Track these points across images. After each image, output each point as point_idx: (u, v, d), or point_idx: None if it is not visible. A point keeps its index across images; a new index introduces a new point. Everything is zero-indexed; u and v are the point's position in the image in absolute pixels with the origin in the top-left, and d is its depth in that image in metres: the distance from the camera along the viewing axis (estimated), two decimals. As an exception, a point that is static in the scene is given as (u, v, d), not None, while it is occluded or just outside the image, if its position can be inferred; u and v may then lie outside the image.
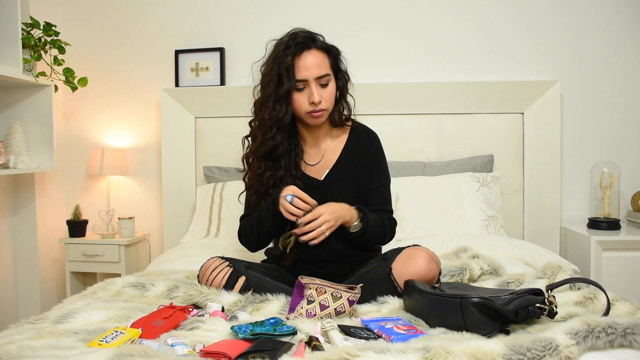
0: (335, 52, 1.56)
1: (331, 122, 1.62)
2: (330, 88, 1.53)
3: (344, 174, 1.61)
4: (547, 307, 1.12)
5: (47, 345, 1.04)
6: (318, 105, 1.51)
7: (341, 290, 1.29)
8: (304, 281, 1.30)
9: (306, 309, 1.27)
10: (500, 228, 2.27)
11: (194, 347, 1.04)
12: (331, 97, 1.54)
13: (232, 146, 2.60)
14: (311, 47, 1.51)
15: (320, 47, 1.52)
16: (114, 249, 2.59)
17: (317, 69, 1.49)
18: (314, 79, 1.49)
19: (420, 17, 2.66)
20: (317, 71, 1.49)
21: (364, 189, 1.63)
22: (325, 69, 1.51)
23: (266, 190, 1.56)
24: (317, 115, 1.53)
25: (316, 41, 1.53)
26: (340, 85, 1.58)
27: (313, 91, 1.50)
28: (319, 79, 1.50)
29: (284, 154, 1.57)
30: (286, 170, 1.57)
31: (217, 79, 2.71)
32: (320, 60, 1.51)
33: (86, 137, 2.86)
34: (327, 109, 1.54)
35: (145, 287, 1.47)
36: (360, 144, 1.64)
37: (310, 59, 1.49)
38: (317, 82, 1.50)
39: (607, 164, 2.51)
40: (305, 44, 1.50)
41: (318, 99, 1.50)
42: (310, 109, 1.52)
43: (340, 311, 1.28)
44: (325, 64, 1.52)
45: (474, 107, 2.55)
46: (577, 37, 2.60)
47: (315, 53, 1.51)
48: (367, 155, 1.63)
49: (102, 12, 2.82)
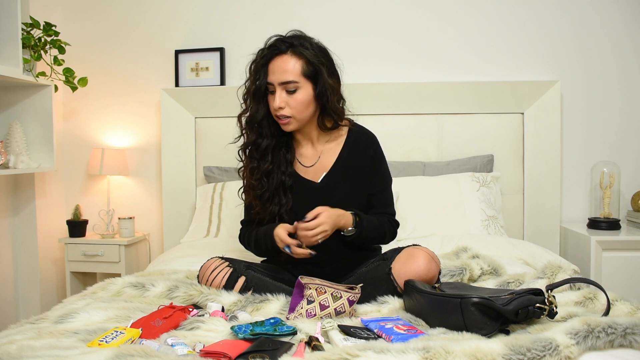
0: (315, 60, 1.50)
1: (320, 127, 1.60)
2: (298, 95, 1.50)
3: (342, 177, 1.60)
4: (547, 307, 1.12)
5: (47, 345, 1.04)
6: (279, 111, 1.51)
7: (341, 290, 1.29)
8: (304, 281, 1.30)
9: (306, 309, 1.27)
10: (500, 228, 2.27)
11: (194, 347, 1.04)
12: (299, 104, 1.50)
13: (232, 146, 2.60)
14: (286, 52, 1.50)
15: (296, 53, 1.49)
16: (114, 249, 2.59)
17: (282, 74, 1.48)
18: (278, 83, 1.49)
19: (420, 17, 2.66)
20: (281, 77, 1.49)
21: (362, 192, 1.61)
22: (292, 75, 1.48)
23: (250, 183, 1.58)
24: (282, 122, 1.53)
25: (294, 46, 1.50)
26: (319, 93, 1.51)
27: (275, 96, 1.50)
28: (283, 85, 1.49)
29: (270, 149, 1.58)
30: (273, 164, 1.58)
31: (217, 79, 2.71)
32: (288, 66, 1.48)
33: (86, 137, 2.86)
34: (294, 116, 1.51)
35: (145, 287, 1.47)
36: (358, 147, 1.62)
37: (279, 63, 1.49)
38: (283, 88, 1.49)
39: (607, 164, 2.51)
40: (279, 48, 1.50)
41: (278, 104, 1.49)
42: (275, 114, 1.53)
43: (340, 311, 1.28)
44: (295, 71, 1.48)
45: (474, 107, 2.55)
46: (577, 37, 2.60)
47: (286, 58, 1.49)
48: (365, 159, 1.62)
49: (102, 12, 2.82)
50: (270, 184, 1.56)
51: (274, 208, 1.56)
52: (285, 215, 1.56)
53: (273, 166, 1.57)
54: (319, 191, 1.58)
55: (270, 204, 1.56)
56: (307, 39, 1.53)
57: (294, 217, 1.51)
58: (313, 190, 1.58)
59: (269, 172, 1.57)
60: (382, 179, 1.65)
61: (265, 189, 1.56)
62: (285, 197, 1.58)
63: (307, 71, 1.50)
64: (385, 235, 1.61)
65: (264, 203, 1.57)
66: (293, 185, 1.59)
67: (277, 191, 1.57)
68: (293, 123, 1.54)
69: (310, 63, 1.50)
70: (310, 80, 1.51)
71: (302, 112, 1.52)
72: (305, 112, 1.53)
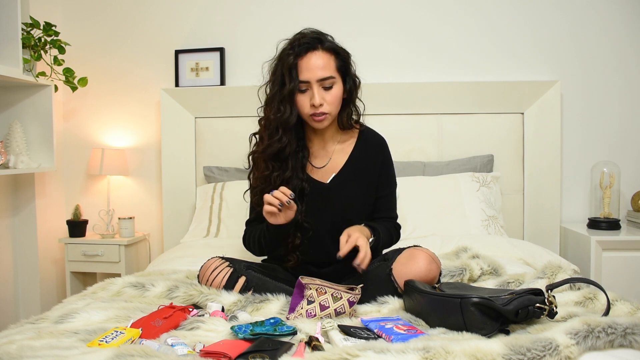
0: (344, 54, 1.52)
1: (339, 125, 1.59)
2: (334, 91, 1.49)
3: (351, 179, 1.59)
4: (547, 307, 1.12)
5: (47, 345, 1.04)
6: (319, 108, 1.48)
7: (341, 291, 1.29)
8: (305, 281, 1.30)
9: (306, 309, 1.27)
10: (500, 228, 2.27)
11: (194, 347, 1.04)
12: (335, 100, 1.50)
13: (232, 146, 2.61)
14: (316, 47, 1.48)
15: (326, 48, 1.49)
16: (114, 249, 2.59)
17: (320, 70, 1.46)
18: (316, 80, 1.47)
19: (420, 18, 2.66)
20: (319, 73, 1.46)
21: (369, 195, 1.61)
22: (329, 71, 1.48)
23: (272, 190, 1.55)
24: (318, 118, 1.50)
25: (323, 42, 1.49)
26: (348, 88, 1.54)
27: (314, 93, 1.46)
28: (321, 81, 1.47)
29: (291, 155, 1.54)
30: (293, 171, 1.54)
31: (217, 79, 2.71)
32: (324, 61, 1.47)
33: (86, 137, 2.86)
34: (330, 112, 1.50)
35: (145, 287, 1.46)
36: (368, 150, 1.62)
37: (314, 60, 1.47)
38: (320, 85, 1.47)
39: (607, 164, 2.51)
40: (310, 44, 1.47)
41: (319, 101, 1.47)
42: (312, 112, 1.49)
43: (340, 312, 1.28)
44: (330, 66, 1.48)
45: (474, 107, 2.55)
46: (577, 37, 2.60)
47: (320, 54, 1.47)
48: (375, 162, 1.62)
49: (102, 12, 2.82)
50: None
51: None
52: (300, 220, 1.53)
53: (293, 174, 1.54)
54: (327, 192, 1.58)
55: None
56: (327, 35, 1.53)
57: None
58: (321, 191, 1.58)
59: (289, 179, 1.54)
60: (389, 182, 1.65)
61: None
62: (302, 203, 1.55)
63: (339, 66, 1.50)
64: (392, 242, 1.64)
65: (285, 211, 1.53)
66: (305, 185, 1.56)
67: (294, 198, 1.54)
68: (328, 119, 1.52)
69: (340, 57, 1.51)
70: (341, 76, 1.52)
71: (336, 107, 1.52)
72: (338, 107, 1.54)
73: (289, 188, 1.47)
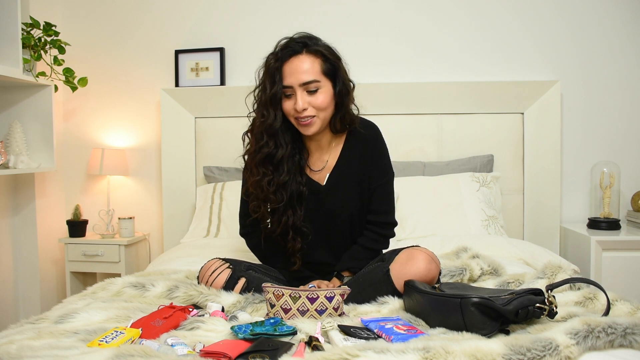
0: (332, 57, 1.47)
1: (331, 129, 1.55)
2: (321, 95, 1.45)
3: (344, 177, 1.57)
4: (547, 307, 1.12)
5: (47, 345, 1.04)
6: (302, 113, 1.45)
7: (300, 290, 1.26)
8: (264, 286, 1.28)
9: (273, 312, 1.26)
10: (500, 228, 2.27)
11: (194, 347, 1.04)
12: (323, 104, 1.45)
13: (232, 146, 2.60)
14: (300, 52, 1.45)
15: (311, 52, 1.45)
16: (114, 249, 2.59)
17: (302, 74, 1.43)
18: (298, 85, 1.44)
19: (420, 18, 2.66)
20: (302, 77, 1.43)
21: (365, 188, 1.58)
22: (313, 74, 1.44)
23: (267, 197, 1.50)
24: (304, 122, 1.47)
25: (309, 45, 1.45)
26: (338, 92, 1.48)
27: (297, 98, 1.44)
28: (305, 85, 1.44)
29: (285, 159, 1.51)
30: (289, 175, 1.52)
31: (217, 79, 2.71)
32: (308, 65, 1.44)
33: (86, 137, 2.86)
34: (317, 116, 1.46)
35: (145, 287, 1.46)
36: (358, 142, 1.58)
37: (297, 64, 1.44)
38: (304, 89, 1.44)
39: (607, 164, 2.51)
40: (294, 49, 1.45)
41: (302, 106, 1.43)
42: (296, 116, 1.47)
43: (322, 310, 1.24)
44: (315, 70, 1.44)
45: (474, 107, 2.55)
46: (577, 37, 2.60)
47: (304, 58, 1.44)
48: (365, 153, 1.57)
49: (102, 13, 2.83)
50: (286, 196, 1.51)
51: (289, 219, 1.52)
52: (298, 224, 1.53)
53: (290, 177, 1.51)
54: (324, 193, 1.57)
55: (284, 216, 1.52)
56: (318, 38, 1.49)
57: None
58: (319, 193, 1.57)
59: (285, 183, 1.51)
60: (383, 170, 1.59)
61: (282, 202, 1.50)
62: (300, 207, 1.54)
63: (326, 69, 1.46)
64: (379, 253, 1.60)
65: (280, 216, 1.52)
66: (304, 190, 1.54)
67: (291, 202, 1.53)
68: (317, 123, 1.48)
69: (327, 60, 1.46)
70: (330, 79, 1.48)
71: (325, 111, 1.48)
72: (328, 111, 1.49)
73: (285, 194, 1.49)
